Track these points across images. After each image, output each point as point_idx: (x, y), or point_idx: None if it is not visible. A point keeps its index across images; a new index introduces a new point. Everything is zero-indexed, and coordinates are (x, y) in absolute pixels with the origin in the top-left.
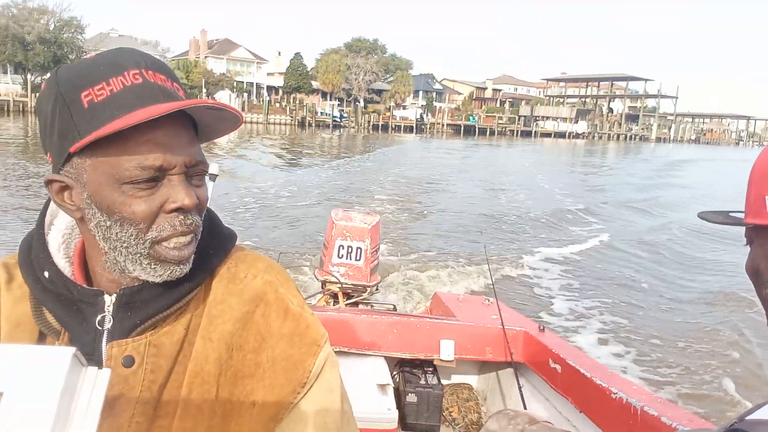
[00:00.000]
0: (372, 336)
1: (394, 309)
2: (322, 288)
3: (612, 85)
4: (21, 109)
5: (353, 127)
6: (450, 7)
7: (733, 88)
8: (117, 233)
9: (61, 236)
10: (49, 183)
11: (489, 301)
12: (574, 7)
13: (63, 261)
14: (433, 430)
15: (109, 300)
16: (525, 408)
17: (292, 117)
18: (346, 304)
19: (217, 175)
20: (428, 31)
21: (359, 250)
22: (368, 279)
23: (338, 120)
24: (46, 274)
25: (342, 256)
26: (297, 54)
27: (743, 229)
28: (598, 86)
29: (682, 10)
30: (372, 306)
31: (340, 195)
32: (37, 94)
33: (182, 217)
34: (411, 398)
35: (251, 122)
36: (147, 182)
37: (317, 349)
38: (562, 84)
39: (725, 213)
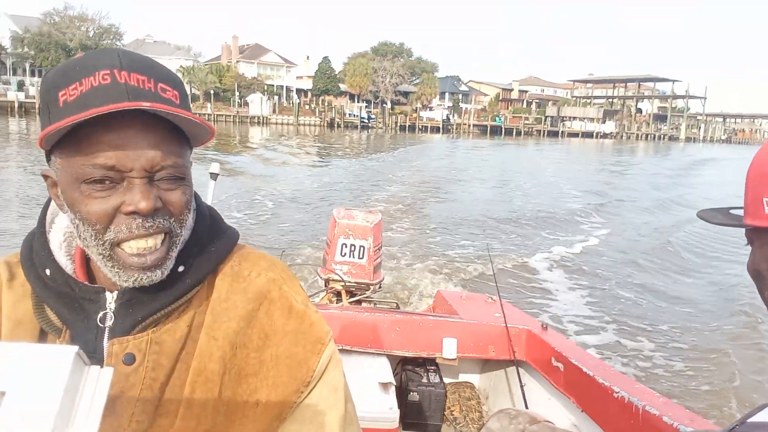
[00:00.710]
0: (375, 334)
1: (397, 307)
2: (326, 286)
3: (639, 86)
4: None
5: (381, 128)
6: (476, 8)
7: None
8: (82, 232)
9: (62, 234)
10: (45, 177)
11: (492, 299)
12: (595, 8)
13: (64, 259)
14: (434, 430)
15: (111, 297)
16: (527, 407)
17: (321, 118)
18: (349, 302)
19: (218, 174)
20: (453, 33)
21: (362, 248)
22: (371, 277)
23: (366, 121)
24: (48, 271)
25: (345, 254)
26: (325, 58)
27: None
28: (626, 87)
29: (708, 8)
30: (375, 304)
31: (364, 186)
32: None
33: (140, 220)
34: (413, 397)
35: (282, 123)
36: (103, 182)
37: (321, 348)
38: (589, 85)
39: (725, 210)
